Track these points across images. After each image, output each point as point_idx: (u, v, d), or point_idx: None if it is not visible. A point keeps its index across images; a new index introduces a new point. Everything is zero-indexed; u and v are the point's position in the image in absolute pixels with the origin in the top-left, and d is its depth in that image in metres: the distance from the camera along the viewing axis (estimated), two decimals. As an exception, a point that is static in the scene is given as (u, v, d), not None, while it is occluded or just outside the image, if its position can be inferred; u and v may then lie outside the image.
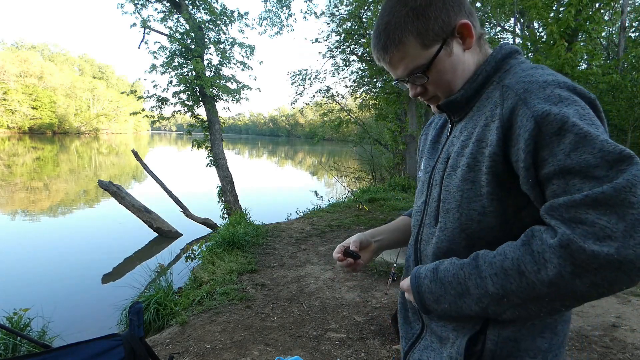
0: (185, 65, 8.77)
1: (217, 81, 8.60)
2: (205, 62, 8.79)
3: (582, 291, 0.57)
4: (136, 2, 8.79)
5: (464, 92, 0.78)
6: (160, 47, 8.82)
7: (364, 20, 11.50)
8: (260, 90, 9.89)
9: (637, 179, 0.54)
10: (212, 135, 8.84)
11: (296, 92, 13.60)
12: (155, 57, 8.86)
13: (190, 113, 9.02)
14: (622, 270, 0.53)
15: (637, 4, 12.85)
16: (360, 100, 14.21)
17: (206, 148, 9.07)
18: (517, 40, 10.55)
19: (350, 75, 13.67)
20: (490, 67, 0.77)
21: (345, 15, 12.01)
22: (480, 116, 0.74)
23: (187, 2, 8.67)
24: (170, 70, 8.71)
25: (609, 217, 0.54)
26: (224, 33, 9.27)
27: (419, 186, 0.92)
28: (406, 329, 0.92)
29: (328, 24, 13.23)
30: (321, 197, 10.92)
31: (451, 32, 0.75)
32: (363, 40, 11.49)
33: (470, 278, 0.67)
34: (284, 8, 11.89)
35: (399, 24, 0.75)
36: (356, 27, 11.77)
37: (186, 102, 8.90)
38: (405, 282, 0.82)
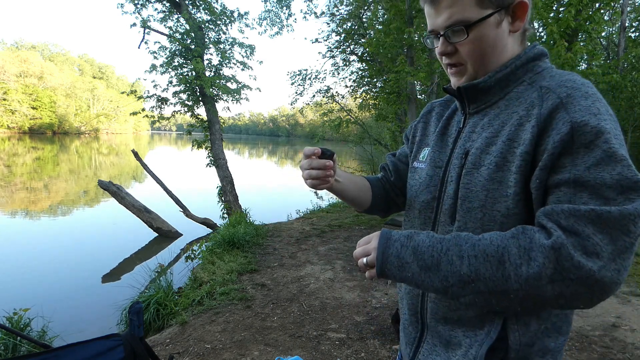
0: (185, 65, 8.76)
1: (217, 81, 8.59)
2: (205, 62, 8.78)
3: (546, 298, 0.58)
4: (136, 2, 8.79)
5: (488, 78, 0.76)
6: (160, 47, 8.82)
7: (364, 20, 11.50)
8: (260, 90, 9.89)
9: None
10: (212, 135, 8.83)
11: (296, 92, 13.57)
12: (155, 57, 8.85)
13: (190, 113, 9.02)
14: (593, 290, 0.56)
15: (637, 4, 12.83)
16: (360, 100, 14.19)
17: (206, 148, 9.06)
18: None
19: (350, 75, 13.62)
20: (519, 63, 0.75)
21: (345, 15, 12.00)
22: (511, 115, 0.72)
23: (187, 2, 8.66)
24: (170, 70, 8.70)
25: (603, 236, 0.56)
26: (224, 33, 9.27)
27: (422, 179, 0.87)
28: (407, 333, 0.89)
29: (328, 24, 13.21)
30: (321, 197, 10.92)
31: (508, 5, 0.72)
32: (363, 40, 11.48)
33: (447, 254, 0.65)
34: (284, 8, 11.88)
35: None
36: (356, 27, 11.76)
37: (186, 102, 8.89)
38: (366, 239, 0.75)
